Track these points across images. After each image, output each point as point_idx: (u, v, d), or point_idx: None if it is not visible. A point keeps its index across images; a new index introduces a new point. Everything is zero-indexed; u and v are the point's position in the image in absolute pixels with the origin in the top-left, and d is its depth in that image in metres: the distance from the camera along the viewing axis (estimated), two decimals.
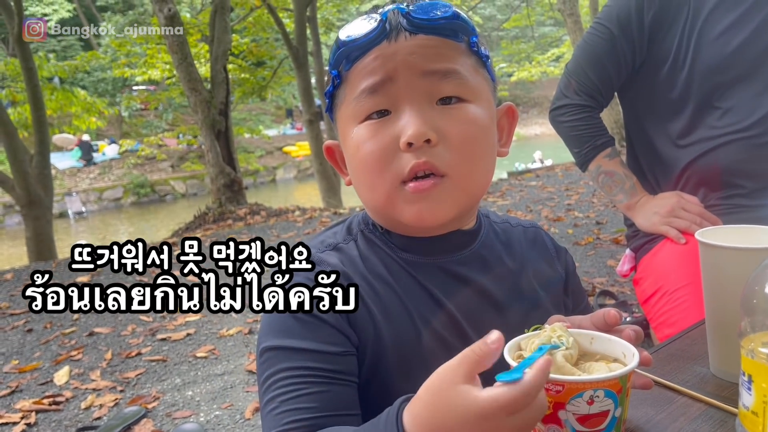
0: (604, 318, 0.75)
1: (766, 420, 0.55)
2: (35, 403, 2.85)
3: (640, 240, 1.72)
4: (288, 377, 0.76)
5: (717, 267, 0.91)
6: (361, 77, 0.79)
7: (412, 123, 0.76)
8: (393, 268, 0.85)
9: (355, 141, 0.81)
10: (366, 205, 0.88)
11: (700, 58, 1.54)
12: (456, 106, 0.79)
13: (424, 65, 0.78)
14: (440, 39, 0.79)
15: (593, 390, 0.63)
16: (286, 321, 0.80)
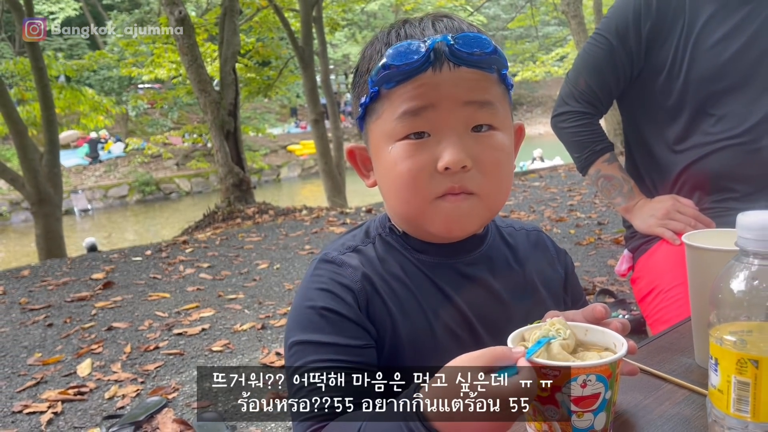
0: (593, 312, 0.86)
1: (729, 396, 0.66)
2: (60, 393, 2.96)
3: (638, 241, 1.78)
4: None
5: (700, 267, 1.00)
6: (404, 100, 0.84)
7: (451, 150, 0.84)
8: (408, 268, 0.94)
9: (393, 157, 0.87)
10: (394, 211, 0.95)
11: (695, 67, 1.60)
12: (488, 134, 0.87)
13: (465, 96, 0.84)
14: (479, 72, 0.85)
15: (586, 375, 0.72)
16: (311, 318, 0.88)
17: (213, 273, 5.11)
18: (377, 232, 0.99)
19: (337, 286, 0.91)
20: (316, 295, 0.91)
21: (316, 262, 0.96)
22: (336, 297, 0.90)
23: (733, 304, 0.67)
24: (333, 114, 12.38)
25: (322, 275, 0.93)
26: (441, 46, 0.83)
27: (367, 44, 0.95)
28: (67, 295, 4.68)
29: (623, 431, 0.81)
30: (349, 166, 1.44)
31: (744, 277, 0.66)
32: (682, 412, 0.85)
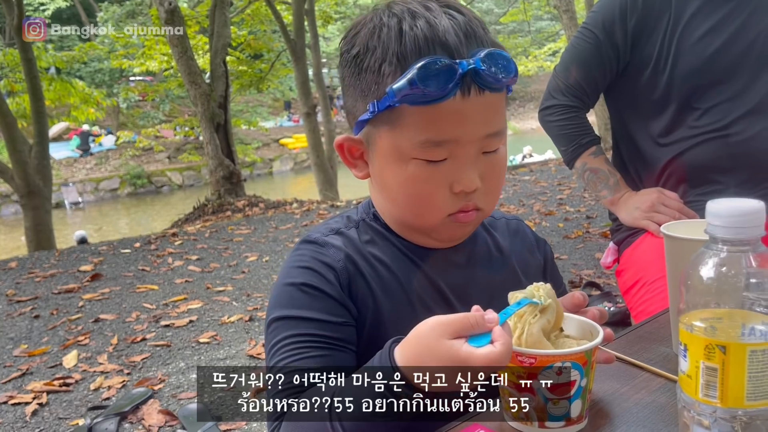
0: (572, 300, 0.87)
1: (697, 381, 0.66)
2: (46, 384, 2.95)
3: (623, 234, 1.78)
4: (293, 342, 0.85)
5: (676, 256, 1.01)
6: (428, 127, 0.83)
7: (468, 176, 0.86)
8: (391, 252, 0.96)
9: (409, 175, 0.87)
10: (393, 216, 0.96)
11: (680, 61, 1.60)
12: (495, 155, 0.89)
13: (486, 130, 0.85)
14: (500, 95, 0.86)
15: (562, 362, 0.73)
16: (292, 293, 0.90)
17: (202, 265, 5.09)
18: (360, 218, 1.00)
19: (318, 264, 0.92)
20: (297, 273, 0.92)
21: (298, 243, 0.98)
22: (317, 274, 0.91)
23: (702, 291, 0.67)
24: (325, 107, 12.36)
25: (303, 254, 0.94)
26: (472, 72, 0.81)
27: (360, 26, 0.91)
28: (55, 287, 4.66)
29: (598, 418, 0.82)
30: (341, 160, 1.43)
31: (713, 264, 0.66)
32: (658, 400, 0.86)
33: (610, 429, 0.79)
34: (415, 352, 0.73)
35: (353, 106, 0.91)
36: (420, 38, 0.82)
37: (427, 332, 0.72)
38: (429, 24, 0.83)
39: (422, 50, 0.82)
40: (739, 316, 0.65)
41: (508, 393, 0.78)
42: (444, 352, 0.70)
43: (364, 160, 0.95)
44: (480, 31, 0.86)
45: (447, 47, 0.82)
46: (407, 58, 0.82)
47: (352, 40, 0.90)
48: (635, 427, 0.79)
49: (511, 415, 0.79)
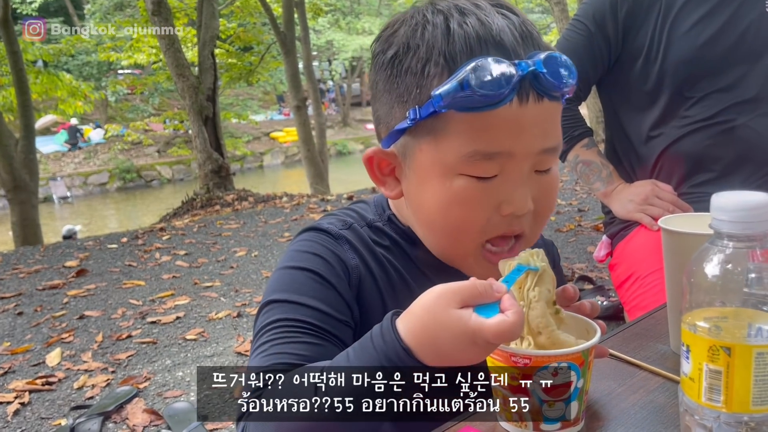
0: (564, 294, 0.82)
1: (700, 384, 0.62)
2: (28, 383, 2.90)
3: (616, 227, 1.77)
4: (284, 325, 0.78)
5: (675, 251, 0.98)
6: (479, 136, 0.74)
7: (520, 197, 0.77)
8: (404, 260, 0.89)
9: (452, 195, 0.77)
10: (428, 242, 0.87)
11: (672, 51, 1.59)
12: (548, 175, 0.80)
13: (542, 144, 0.77)
14: (557, 105, 0.78)
15: (557, 363, 0.70)
16: (296, 277, 0.82)
17: (189, 260, 5.04)
18: (373, 219, 0.92)
19: (330, 255, 0.85)
20: (304, 258, 0.85)
21: (306, 231, 0.90)
22: (327, 264, 0.84)
23: (706, 289, 0.63)
24: (315, 100, 12.31)
25: (313, 242, 0.87)
26: (531, 75, 0.72)
27: (398, 25, 0.80)
28: (39, 283, 4.60)
29: (594, 420, 0.79)
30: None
31: (718, 260, 0.62)
32: (656, 400, 0.83)
33: (606, 430, 0.76)
34: (421, 324, 0.66)
35: (387, 114, 0.81)
36: (471, 36, 0.73)
37: (433, 301, 0.66)
38: (481, 22, 0.74)
39: (474, 50, 0.73)
40: (746, 315, 0.61)
41: (502, 394, 0.75)
42: (453, 323, 0.64)
43: (396, 176, 0.85)
44: (535, 33, 0.78)
45: (502, 47, 0.73)
46: (456, 58, 0.73)
47: (389, 40, 0.80)
48: (633, 429, 0.76)
49: (505, 417, 0.76)
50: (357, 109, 29.59)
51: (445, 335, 0.64)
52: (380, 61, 0.81)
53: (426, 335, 0.66)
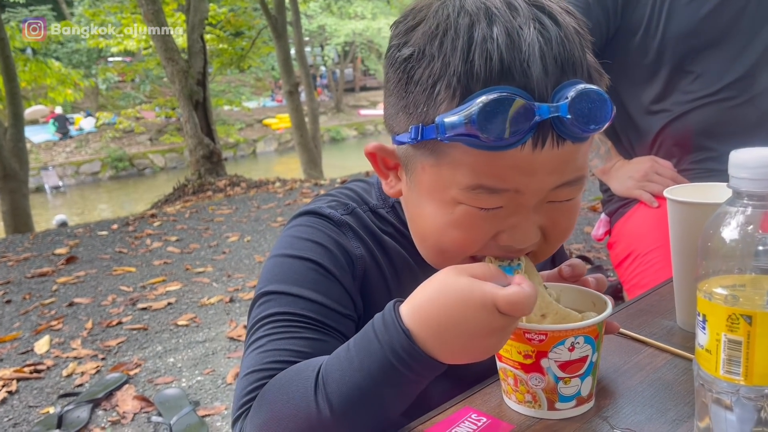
0: (571, 270, 0.77)
1: (718, 357, 0.58)
2: (16, 371, 2.85)
3: (615, 204, 1.74)
4: (283, 320, 0.73)
5: (683, 222, 0.94)
6: (483, 171, 0.64)
7: (522, 234, 0.68)
8: (410, 248, 0.82)
9: (454, 220, 0.69)
10: (419, 248, 0.79)
11: (672, 23, 1.56)
12: (568, 203, 0.71)
13: (557, 181, 0.66)
14: (584, 144, 0.67)
15: (574, 337, 0.66)
16: (294, 267, 0.77)
17: (181, 246, 4.99)
18: (377, 205, 0.86)
19: (332, 243, 0.79)
20: (304, 246, 0.79)
21: (303, 215, 0.83)
22: (330, 254, 0.78)
23: (724, 255, 0.58)
24: (308, 86, 12.22)
25: (314, 228, 0.80)
26: (554, 120, 0.62)
27: (420, 17, 0.69)
28: (28, 270, 4.54)
29: (601, 398, 0.76)
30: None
31: (737, 223, 0.57)
32: (664, 377, 0.80)
33: (614, 409, 0.73)
34: (427, 297, 0.62)
35: (393, 115, 0.72)
36: (494, 58, 0.61)
37: (442, 273, 0.62)
38: (509, 37, 0.62)
39: (493, 76, 0.61)
40: (767, 281, 0.56)
41: (513, 375, 0.70)
42: (464, 287, 0.60)
43: (398, 174, 0.77)
44: (577, 50, 0.64)
45: (527, 77, 0.61)
46: (471, 83, 0.62)
47: (406, 36, 0.69)
48: (642, 407, 0.73)
49: (515, 399, 0.71)
50: (350, 95, 29.46)
51: (453, 302, 0.60)
52: (394, 56, 0.71)
53: (431, 306, 0.61)
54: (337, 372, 0.62)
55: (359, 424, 0.63)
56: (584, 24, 0.69)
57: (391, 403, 0.64)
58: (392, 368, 0.61)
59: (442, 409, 0.74)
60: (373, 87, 31.00)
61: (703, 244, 0.59)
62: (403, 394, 0.64)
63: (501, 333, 0.60)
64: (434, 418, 0.72)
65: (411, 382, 0.62)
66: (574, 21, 0.67)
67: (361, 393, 0.61)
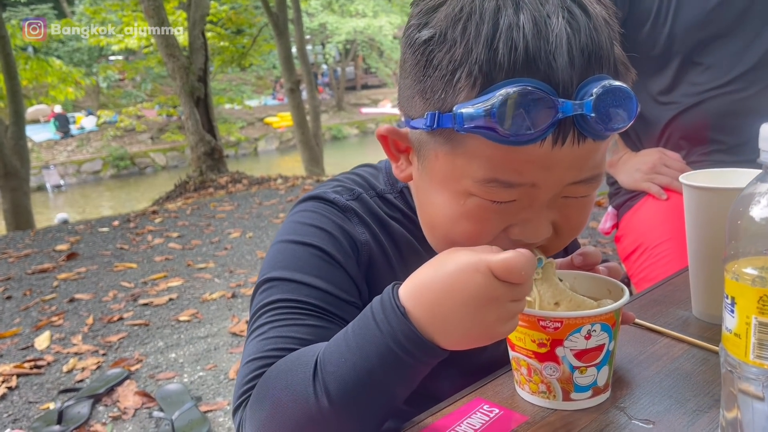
0: (585, 258, 0.76)
1: (748, 341, 0.55)
2: (16, 367, 2.84)
3: (622, 197, 1.72)
4: (286, 306, 0.71)
5: (700, 209, 0.92)
6: (499, 165, 0.63)
7: (534, 228, 0.67)
8: (417, 234, 0.81)
9: (465, 212, 0.67)
10: (429, 238, 0.77)
11: (681, 14, 1.53)
12: (582, 199, 0.69)
13: (575, 177, 0.65)
14: (605, 141, 0.65)
15: (591, 324, 0.64)
16: (298, 253, 0.75)
17: (183, 242, 4.98)
18: (384, 190, 0.84)
19: (337, 229, 0.77)
20: (308, 231, 0.76)
21: (308, 200, 0.81)
22: (334, 240, 0.76)
23: (755, 234, 0.55)
24: (309, 83, 12.20)
25: (318, 213, 0.78)
26: (576, 118, 0.60)
27: (436, 4, 0.66)
28: (29, 267, 4.53)
29: (618, 389, 0.73)
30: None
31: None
32: (682, 367, 0.77)
33: (632, 400, 0.71)
34: (424, 272, 0.62)
35: (408, 99, 0.69)
36: (519, 48, 0.58)
37: (442, 253, 0.64)
38: (536, 26, 0.59)
39: (517, 67, 0.58)
40: None
41: (526, 365, 0.68)
42: (459, 255, 0.60)
43: (409, 158, 0.75)
44: (605, 43, 0.62)
45: (552, 69, 0.58)
46: (494, 72, 0.59)
47: (427, 17, 0.66)
48: (660, 397, 0.71)
49: (529, 389, 0.69)
50: (351, 93, 29.45)
51: (448, 271, 0.60)
52: (413, 37, 0.67)
53: (427, 280, 0.61)
54: (335, 357, 0.61)
55: (358, 412, 0.61)
56: (614, 13, 0.66)
57: (391, 390, 0.62)
58: (390, 352, 0.59)
59: (452, 400, 0.72)
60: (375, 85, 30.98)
61: (731, 224, 0.57)
62: (403, 380, 0.62)
63: (498, 305, 0.58)
64: (445, 409, 0.70)
65: (409, 366, 0.60)
66: (605, 10, 0.64)
67: (359, 379, 0.60)
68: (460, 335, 0.59)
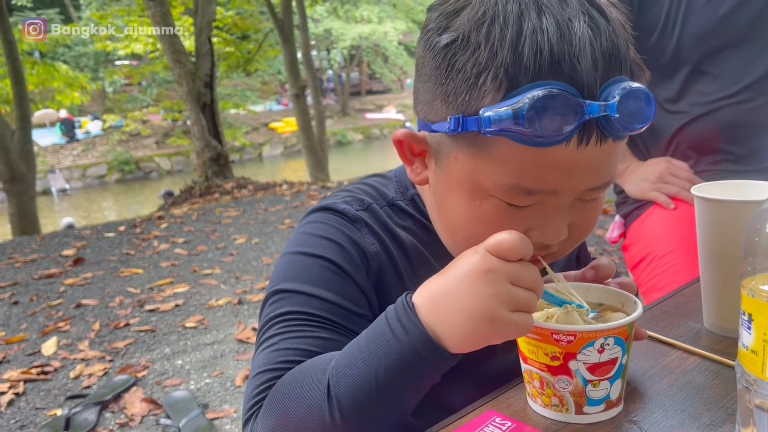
0: (598, 270, 0.76)
1: (765, 358, 0.55)
2: (23, 372, 2.84)
3: (630, 206, 1.71)
4: (295, 318, 0.71)
5: (713, 222, 0.91)
6: (524, 171, 0.64)
7: (553, 229, 0.68)
8: (429, 241, 0.81)
9: (482, 214, 0.69)
10: (449, 243, 0.79)
11: (690, 24, 1.53)
12: (593, 201, 0.71)
13: (592, 183, 0.67)
14: (621, 143, 0.67)
15: (604, 338, 0.64)
16: (308, 265, 0.75)
17: (189, 248, 4.98)
18: (395, 197, 0.84)
19: (346, 240, 0.76)
20: (317, 243, 0.76)
21: (317, 211, 0.80)
22: (344, 251, 0.75)
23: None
24: (314, 89, 12.23)
25: (327, 224, 0.78)
26: (602, 119, 0.61)
27: (456, 8, 0.66)
28: (35, 272, 4.54)
29: (631, 402, 0.73)
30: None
31: None
32: (694, 381, 0.77)
33: (645, 413, 0.70)
34: (437, 283, 0.63)
35: (428, 102, 0.69)
36: (544, 52, 0.59)
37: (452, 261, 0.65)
38: (560, 30, 0.60)
39: (543, 70, 0.59)
40: None
41: (539, 377, 0.68)
42: (468, 253, 0.62)
43: (425, 161, 0.75)
44: (623, 45, 0.63)
45: (576, 72, 0.60)
46: (520, 76, 0.60)
47: (447, 20, 0.66)
48: (673, 411, 0.70)
49: (541, 402, 0.69)
50: (356, 99, 29.48)
51: (455, 269, 0.62)
52: (432, 41, 0.67)
53: (439, 285, 0.63)
54: (348, 368, 0.61)
55: (370, 421, 0.62)
56: (628, 17, 0.67)
57: (403, 399, 0.63)
58: (407, 361, 0.61)
59: (464, 412, 0.71)
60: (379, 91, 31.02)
61: (748, 240, 0.57)
62: (415, 389, 0.63)
63: (494, 279, 0.59)
64: (457, 421, 0.70)
65: (424, 374, 0.62)
66: (621, 15, 0.66)
67: (371, 388, 0.60)
68: (463, 319, 0.60)
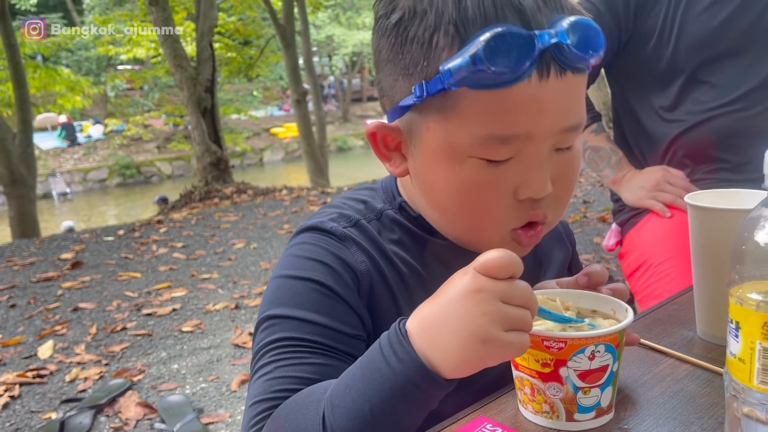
0: (590, 277, 0.76)
1: (752, 366, 0.55)
2: (19, 376, 2.83)
3: (626, 214, 1.72)
4: (289, 345, 0.70)
5: (705, 229, 0.91)
6: (493, 117, 0.65)
7: (538, 180, 0.69)
8: (420, 253, 0.80)
9: (463, 178, 0.69)
10: (446, 229, 0.79)
11: (686, 32, 1.54)
12: (568, 152, 0.72)
13: (564, 122, 0.68)
14: (582, 77, 0.69)
15: (595, 345, 0.64)
16: (297, 289, 0.73)
17: (187, 252, 4.98)
18: (383, 208, 0.82)
19: (335, 261, 0.75)
20: (306, 265, 0.75)
21: (305, 231, 0.79)
22: (333, 272, 0.74)
23: (760, 259, 0.55)
24: (315, 95, 12.26)
25: (316, 245, 0.76)
26: (554, 47, 0.63)
27: None
28: (33, 275, 4.54)
29: (622, 410, 0.72)
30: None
31: None
32: (686, 389, 0.77)
33: (636, 421, 0.70)
34: (429, 308, 0.61)
35: (391, 86, 0.71)
36: (486, 1, 0.63)
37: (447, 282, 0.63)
38: None
39: (489, 16, 0.62)
40: None
41: (530, 384, 0.67)
42: (459, 274, 0.61)
43: (402, 153, 0.76)
44: None
45: (521, 12, 0.62)
46: (469, 27, 0.62)
47: (392, 4, 0.69)
48: (665, 419, 0.70)
49: (532, 409, 0.69)
50: (357, 105, 29.54)
51: (447, 292, 0.61)
52: (383, 25, 0.70)
53: (431, 310, 0.61)
54: (343, 399, 0.61)
55: None
56: None
57: (399, 428, 0.62)
58: (402, 391, 0.59)
59: (455, 418, 0.71)
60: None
61: (736, 248, 0.57)
62: (412, 416, 0.62)
63: (484, 298, 0.58)
64: (448, 428, 0.69)
65: (420, 403, 0.61)
66: None
67: (366, 419, 0.59)
68: (455, 342, 0.58)
